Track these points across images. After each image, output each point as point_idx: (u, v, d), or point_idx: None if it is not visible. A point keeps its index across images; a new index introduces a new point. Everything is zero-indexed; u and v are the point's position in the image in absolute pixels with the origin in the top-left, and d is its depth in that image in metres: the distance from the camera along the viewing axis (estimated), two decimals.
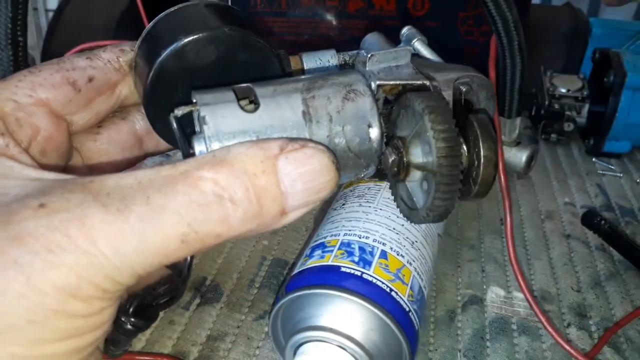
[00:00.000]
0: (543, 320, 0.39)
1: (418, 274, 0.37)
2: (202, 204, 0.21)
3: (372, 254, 0.36)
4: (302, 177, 0.23)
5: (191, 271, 0.27)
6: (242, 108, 0.25)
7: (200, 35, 0.26)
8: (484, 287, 0.45)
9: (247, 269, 0.46)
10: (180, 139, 0.25)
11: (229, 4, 0.53)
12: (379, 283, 0.34)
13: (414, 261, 0.37)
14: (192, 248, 0.22)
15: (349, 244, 0.36)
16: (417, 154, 0.27)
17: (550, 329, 0.39)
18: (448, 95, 0.28)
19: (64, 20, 1.01)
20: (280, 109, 0.25)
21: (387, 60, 0.28)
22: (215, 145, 0.24)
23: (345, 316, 0.33)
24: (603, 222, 0.50)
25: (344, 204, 0.42)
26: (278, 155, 0.23)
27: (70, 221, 0.20)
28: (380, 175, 0.29)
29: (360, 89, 0.27)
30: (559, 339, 0.38)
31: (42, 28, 1.21)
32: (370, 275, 0.34)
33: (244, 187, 0.22)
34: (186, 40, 0.26)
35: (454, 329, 0.41)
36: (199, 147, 0.24)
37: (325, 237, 0.38)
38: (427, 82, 0.28)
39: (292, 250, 0.48)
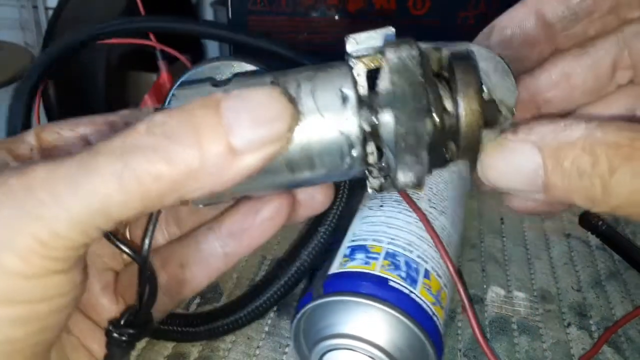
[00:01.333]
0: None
1: (449, 297, 0.35)
2: (137, 142, 0.21)
3: (417, 271, 0.34)
4: (247, 107, 0.21)
5: (150, 247, 0.26)
6: (211, 86, 0.24)
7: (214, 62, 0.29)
8: (484, 286, 0.45)
9: (247, 268, 0.46)
10: None
11: (229, 3, 0.53)
12: (424, 306, 0.32)
13: (447, 284, 0.35)
14: (133, 191, 0.21)
15: (394, 256, 0.34)
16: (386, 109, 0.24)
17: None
18: (426, 49, 0.25)
19: (64, 19, 1.01)
20: (248, 82, 0.25)
21: (368, 40, 0.25)
22: None
23: (384, 331, 0.31)
24: (601, 222, 0.50)
25: (381, 206, 0.39)
26: (221, 97, 0.22)
27: (10, 173, 0.21)
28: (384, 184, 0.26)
29: (336, 64, 0.25)
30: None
31: (42, 26, 1.21)
32: (417, 296, 0.32)
33: (179, 120, 0.21)
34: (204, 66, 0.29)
35: (454, 329, 0.41)
36: None
37: (366, 240, 0.36)
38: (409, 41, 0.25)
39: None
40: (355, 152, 0.24)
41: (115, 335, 0.27)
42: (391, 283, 0.32)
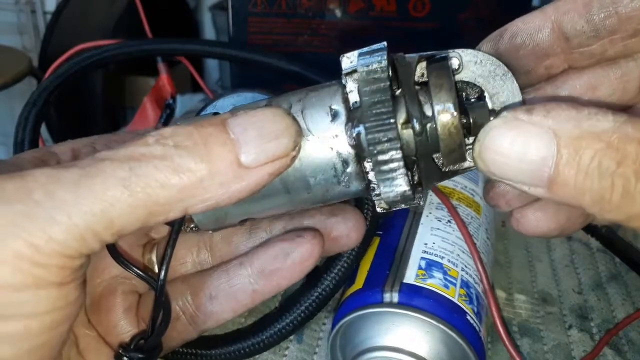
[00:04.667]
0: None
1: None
2: (145, 151, 0.20)
3: (483, 307, 0.34)
4: (254, 124, 0.22)
5: (166, 272, 0.26)
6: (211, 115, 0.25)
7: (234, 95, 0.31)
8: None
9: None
10: None
11: (230, 4, 0.53)
12: (484, 346, 0.32)
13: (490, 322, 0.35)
14: (138, 197, 0.20)
15: (468, 286, 0.34)
16: None
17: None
18: (411, 59, 0.24)
19: (62, 23, 1.01)
20: (247, 107, 0.25)
21: (362, 56, 0.25)
22: None
23: (442, 356, 0.31)
24: (601, 225, 0.50)
25: (449, 221, 0.38)
26: (227, 116, 0.22)
27: (6, 178, 0.20)
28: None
29: (328, 83, 0.25)
30: None
31: (40, 30, 1.21)
32: (483, 337, 0.32)
33: (188, 133, 0.21)
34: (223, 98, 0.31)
35: None
36: None
37: (442, 258, 0.35)
38: (396, 54, 0.25)
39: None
40: (350, 169, 0.24)
41: (125, 358, 0.27)
42: (468, 318, 0.32)
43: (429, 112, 0.23)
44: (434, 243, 0.36)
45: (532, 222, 0.27)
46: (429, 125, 0.23)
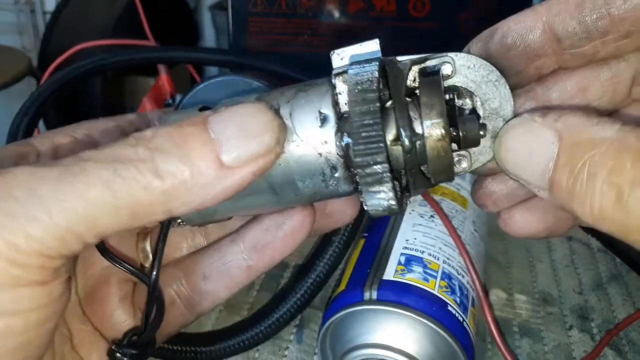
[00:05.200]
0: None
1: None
2: (127, 152, 0.20)
3: (467, 298, 0.34)
4: (234, 121, 0.21)
5: (159, 269, 0.25)
6: (197, 110, 0.24)
7: (218, 79, 0.30)
8: (486, 289, 0.45)
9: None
10: None
11: (230, 4, 0.53)
12: (472, 338, 0.32)
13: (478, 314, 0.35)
14: (122, 199, 0.20)
15: (450, 277, 0.34)
16: None
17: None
18: (404, 65, 0.24)
19: (62, 22, 1.01)
20: (234, 101, 0.24)
21: (353, 65, 0.24)
22: None
23: (427, 350, 0.31)
24: None
25: (432, 216, 0.39)
26: (209, 114, 0.22)
27: None
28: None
29: (318, 82, 0.24)
30: None
31: (40, 30, 1.21)
32: (468, 326, 0.32)
33: (168, 134, 0.21)
34: (206, 82, 0.30)
35: None
36: None
37: (422, 252, 0.35)
38: (387, 58, 0.24)
39: (291, 252, 0.48)
40: (338, 174, 0.23)
41: (118, 355, 0.27)
42: (450, 308, 0.32)
43: (419, 130, 0.23)
44: (415, 238, 0.37)
45: (519, 223, 0.27)
46: (418, 142, 0.23)
